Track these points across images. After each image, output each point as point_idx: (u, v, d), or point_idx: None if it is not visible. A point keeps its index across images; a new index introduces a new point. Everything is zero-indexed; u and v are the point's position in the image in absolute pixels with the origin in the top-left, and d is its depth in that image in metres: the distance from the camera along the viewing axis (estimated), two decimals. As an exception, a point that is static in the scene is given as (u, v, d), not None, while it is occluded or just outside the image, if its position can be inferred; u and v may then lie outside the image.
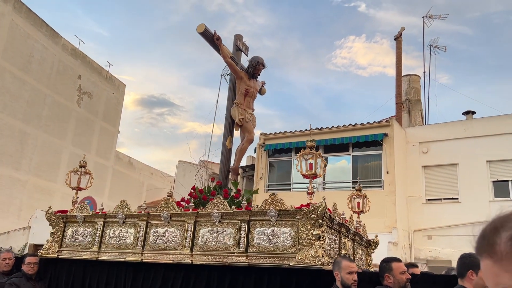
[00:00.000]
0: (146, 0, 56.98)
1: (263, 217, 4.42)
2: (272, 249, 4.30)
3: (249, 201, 5.46)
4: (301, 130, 15.07)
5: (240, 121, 6.48)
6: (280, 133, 15.55)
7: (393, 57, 17.68)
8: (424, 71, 18.10)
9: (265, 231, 4.38)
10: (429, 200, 13.99)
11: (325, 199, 4.27)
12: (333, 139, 14.41)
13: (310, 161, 4.51)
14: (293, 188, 14.85)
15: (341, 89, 65.05)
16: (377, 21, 55.67)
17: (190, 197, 5.67)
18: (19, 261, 5.53)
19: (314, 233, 4.12)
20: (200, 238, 4.72)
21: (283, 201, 4.41)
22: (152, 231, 5.05)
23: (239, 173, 8.93)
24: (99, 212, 5.56)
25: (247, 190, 6.16)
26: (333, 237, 4.71)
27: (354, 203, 6.28)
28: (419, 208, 13.87)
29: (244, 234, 4.45)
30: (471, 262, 3.00)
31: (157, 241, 4.97)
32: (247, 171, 18.43)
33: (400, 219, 12.99)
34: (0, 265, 5.43)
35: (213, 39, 6.46)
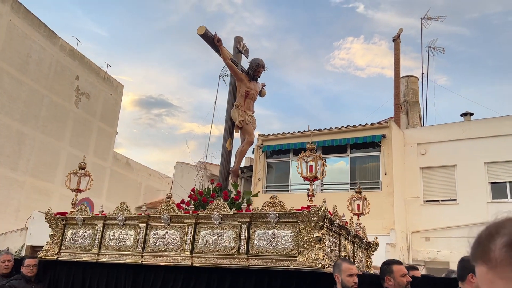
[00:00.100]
0: (146, 0, 56.93)
1: (264, 219, 4.42)
2: (272, 251, 4.30)
3: (249, 203, 5.46)
4: (299, 131, 15.05)
5: (240, 123, 6.48)
6: (278, 134, 15.54)
7: (391, 58, 17.72)
8: (422, 73, 18.17)
9: (266, 233, 4.38)
10: (427, 201, 14.01)
11: (325, 202, 4.28)
12: (331, 140, 14.42)
13: (310, 163, 4.51)
14: (291, 190, 14.85)
15: (339, 90, 65.12)
16: (375, 22, 55.77)
17: (190, 199, 5.67)
18: (18, 263, 5.52)
19: (314, 236, 4.13)
20: (200, 240, 4.71)
21: (283, 203, 4.42)
22: (152, 233, 5.05)
23: (239, 175, 8.92)
24: (99, 214, 5.54)
25: (245, 192, 6.17)
26: (333, 239, 4.71)
27: (354, 205, 6.27)
28: (417, 209, 13.88)
29: (245, 236, 4.45)
30: (471, 265, 3.00)
31: (157, 243, 4.96)
32: (245, 172, 18.40)
33: (398, 221, 13.01)
34: (0, 267, 5.42)
35: (213, 41, 6.46)
